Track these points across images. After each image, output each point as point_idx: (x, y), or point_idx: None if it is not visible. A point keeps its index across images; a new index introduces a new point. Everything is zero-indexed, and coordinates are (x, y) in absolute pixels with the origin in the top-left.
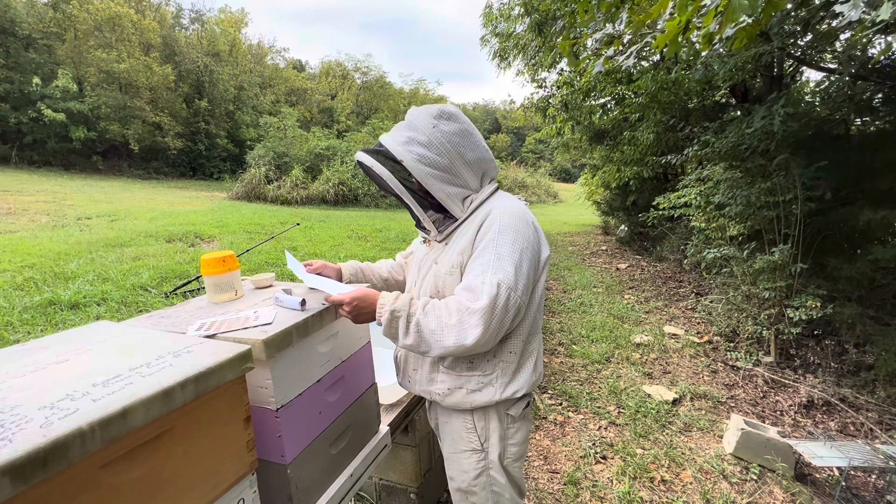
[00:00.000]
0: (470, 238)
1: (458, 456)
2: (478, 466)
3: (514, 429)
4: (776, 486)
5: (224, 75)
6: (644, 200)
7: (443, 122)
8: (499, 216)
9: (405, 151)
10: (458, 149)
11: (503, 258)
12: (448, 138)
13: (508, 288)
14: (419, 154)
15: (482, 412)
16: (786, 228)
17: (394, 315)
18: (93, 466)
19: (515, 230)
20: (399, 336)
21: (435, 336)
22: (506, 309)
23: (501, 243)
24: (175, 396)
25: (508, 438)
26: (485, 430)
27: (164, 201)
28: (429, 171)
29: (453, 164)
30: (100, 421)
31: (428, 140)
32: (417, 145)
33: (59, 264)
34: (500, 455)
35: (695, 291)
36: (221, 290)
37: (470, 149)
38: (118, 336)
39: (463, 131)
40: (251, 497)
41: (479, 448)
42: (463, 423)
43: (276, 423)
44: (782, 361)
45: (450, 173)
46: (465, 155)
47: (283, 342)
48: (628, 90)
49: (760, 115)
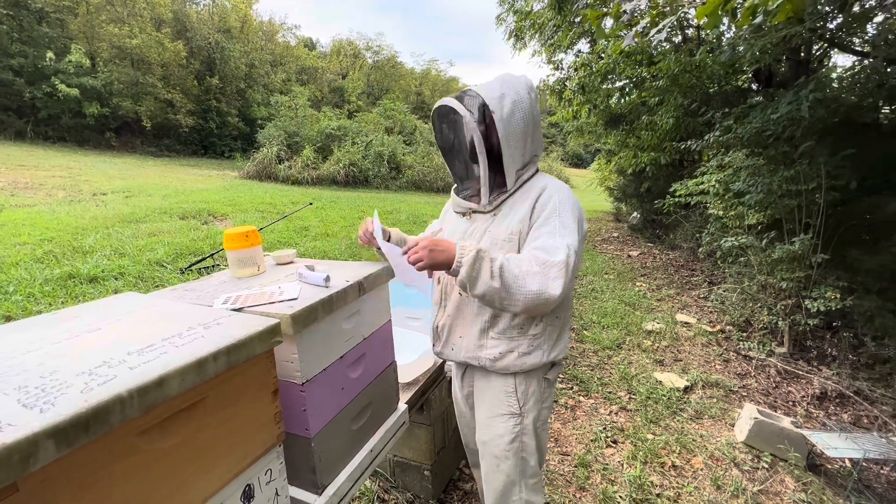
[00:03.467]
0: (528, 208)
1: (494, 420)
2: (514, 430)
3: (548, 392)
4: (788, 476)
5: (235, 52)
6: (659, 187)
7: (534, 94)
8: (556, 190)
9: (499, 106)
10: (534, 120)
11: (567, 226)
12: (533, 109)
13: (575, 252)
14: (510, 112)
15: (525, 376)
16: (807, 218)
17: (479, 255)
18: (131, 433)
19: (573, 203)
20: (482, 277)
21: (518, 282)
22: (574, 269)
23: (564, 213)
24: (208, 367)
25: (543, 402)
26: (524, 393)
27: (177, 179)
28: (512, 133)
29: (528, 134)
30: (138, 388)
31: (519, 100)
32: (510, 103)
33: (77, 238)
34: (535, 418)
35: (708, 280)
36: (244, 264)
37: (538, 126)
38: (148, 307)
39: (538, 110)
40: (278, 468)
41: (518, 412)
42: (504, 387)
43: (301, 397)
44: (796, 352)
45: (523, 142)
46: (536, 130)
47: (309, 317)
48: (648, 73)
49: (787, 101)
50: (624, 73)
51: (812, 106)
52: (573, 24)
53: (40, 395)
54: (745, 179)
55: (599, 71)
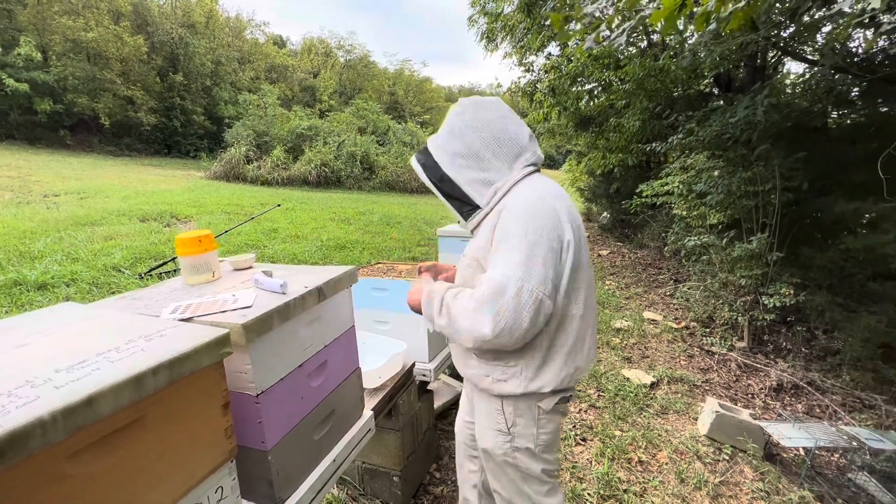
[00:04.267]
0: (488, 233)
1: (487, 432)
2: (503, 447)
3: (545, 419)
4: (747, 466)
5: (200, 49)
6: (627, 188)
7: (468, 111)
8: (511, 209)
9: (434, 143)
10: (478, 133)
11: (513, 250)
12: (470, 124)
13: (518, 280)
14: (442, 141)
15: (513, 400)
16: (764, 218)
17: (429, 296)
18: (57, 457)
19: (526, 220)
20: (434, 316)
21: (456, 321)
22: (518, 301)
23: (508, 234)
24: (146, 383)
25: (540, 428)
26: (512, 415)
27: (138, 179)
28: (449, 157)
29: (475, 150)
30: (63, 409)
31: (451, 127)
32: (444, 133)
33: (25, 243)
34: (529, 442)
35: (673, 278)
36: (198, 271)
37: (493, 133)
38: (85, 318)
39: (490, 119)
40: (230, 485)
41: (506, 431)
42: (493, 404)
43: (256, 408)
44: (755, 347)
45: (470, 158)
46: (485, 139)
47: (263, 326)
48: (615, 76)
49: (744, 105)
50: (592, 76)
51: (767, 110)
52: (543, 26)
53: None
54: (706, 181)
55: (569, 74)
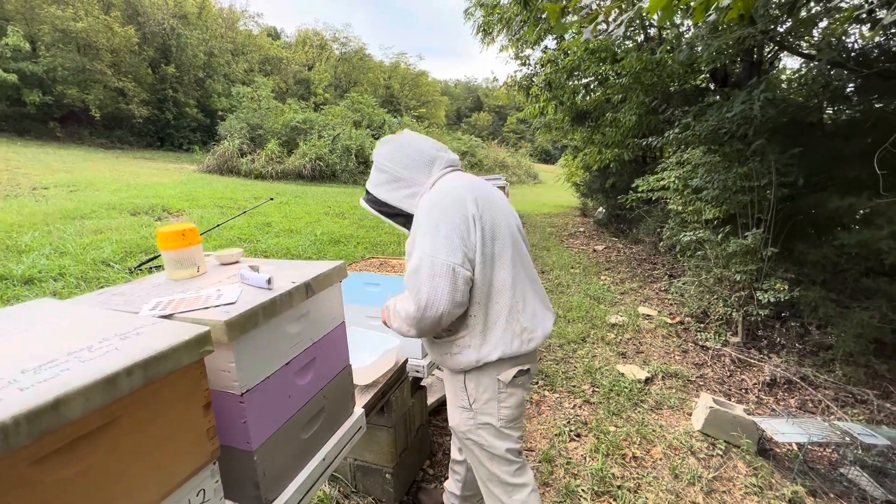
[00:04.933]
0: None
1: (452, 409)
2: (468, 423)
3: (506, 394)
4: (740, 461)
5: (193, 40)
6: (623, 183)
7: (382, 148)
8: (423, 203)
9: (369, 183)
10: (393, 159)
11: (421, 237)
12: (384, 156)
13: (428, 256)
14: (373, 178)
15: (475, 374)
16: (759, 213)
17: (386, 307)
18: (21, 463)
19: (430, 208)
20: (391, 322)
21: (397, 313)
22: (432, 275)
23: (419, 224)
24: (120, 384)
25: (501, 402)
26: (475, 390)
27: (129, 172)
28: (378, 187)
29: (392, 173)
30: (26, 413)
31: (376, 167)
32: (373, 171)
33: (12, 237)
34: (491, 416)
35: (668, 273)
36: (181, 265)
37: (403, 156)
38: (60, 315)
39: (395, 146)
40: (213, 487)
41: (468, 406)
42: (456, 382)
43: (240, 408)
44: (749, 342)
45: (392, 180)
46: (399, 162)
47: (247, 323)
48: (612, 70)
49: (741, 100)
50: (589, 69)
51: (763, 105)
52: (539, 19)
53: None
54: (702, 176)
55: (565, 67)
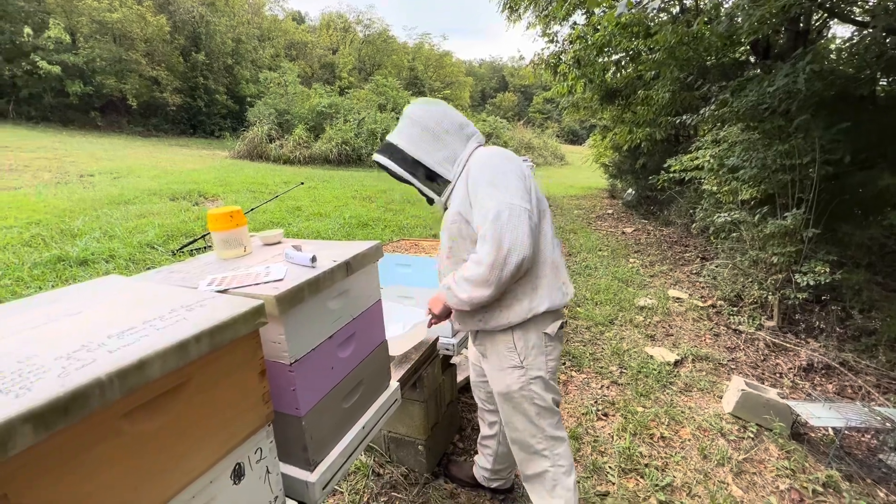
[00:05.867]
0: (464, 189)
1: (502, 372)
2: (520, 380)
3: (551, 346)
4: (772, 444)
5: (221, 26)
6: (654, 163)
7: (418, 107)
8: (475, 161)
9: (398, 137)
10: (435, 121)
11: (489, 187)
12: (425, 114)
13: (506, 202)
14: (407, 133)
15: (522, 331)
16: (800, 193)
17: (446, 287)
18: (114, 415)
19: (491, 163)
20: (458, 295)
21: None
22: (512, 218)
23: (482, 179)
24: (190, 349)
25: (548, 355)
26: (524, 347)
27: (166, 159)
28: (415, 143)
29: (434, 133)
30: (117, 371)
31: (410, 121)
32: (406, 127)
33: (65, 221)
34: (540, 370)
35: (700, 256)
36: (229, 245)
37: (446, 120)
38: (130, 290)
39: (436, 109)
40: (268, 446)
41: (519, 364)
42: (505, 342)
43: (290, 377)
44: (785, 326)
45: (432, 141)
46: (441, 124)
47: (295, 298)
48: (645, 45)
49: (784, 73)
50: (620, 45)
51: (808, 78)
52: None
53: (16, 380)
54: (739, 154)
55: (595, 44)
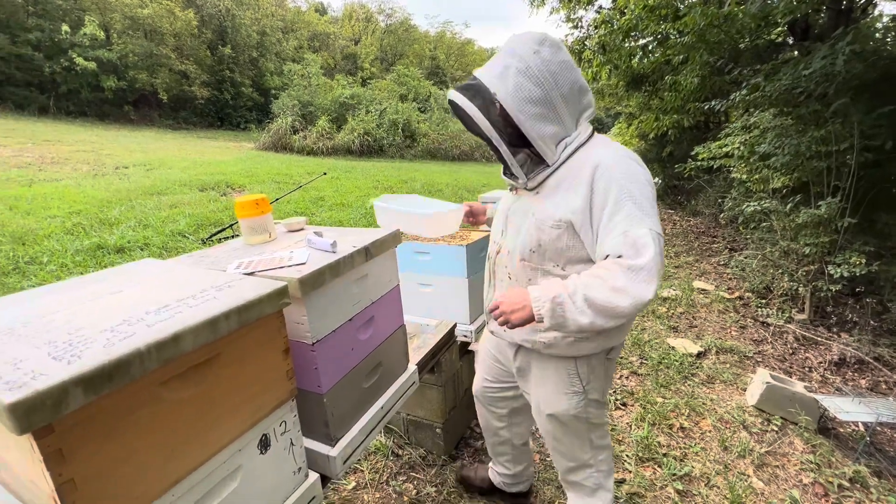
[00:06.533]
0: (584, 196)
1: (560, 396)
2: (579, 405)
3: (611, 368)
4: (797, 438)
5: (246, 20)
6: (681, 151)
7: (545, 49)
8: (616, 164)
9: (499, 83)
10: (557, 79)
11: (643, 206)
12: (549, 67)
13: (659, 234)
14: (515, 84)
15: (586, 359)
16: (836, 181)
17: (555, 302)
18: (152, 383)
19: (643, 177)
20: (570, 318)
21: (610, 303)
22: (660, 250)
23: (635, 192)
24: (220, 325)
25: (607, 378)
26: (588, 374)
27: (195, 151)
28: (523, 104)
29: (551, 98)
30: (155, 343)
31: (526, 67)
32: (515, 74)
33: (103, 211)
34: (598, 394)
35: (729, 247)
36: (256, 231)
37: (570, 81)
38: (164, 272)
39: (565, 61)
40: (292, 420)
41: (581, 391)
42: (566, 369)
43: (312, 356)
44: (816, 319)
45: (546, 108)
46: (562, 87)
47: (316, 281)
48: (673, 28)
49: (821, 55)
50: (647, 29)
51: (848, 60)
52: None
53: (67, 349)
54: (771, 141)
55: (621, 28)
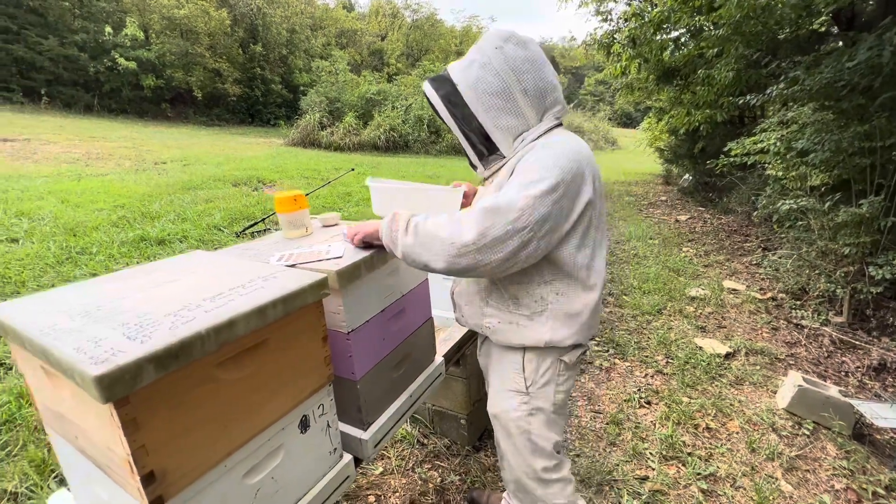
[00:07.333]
0: (508, 169)
1: (501, 394)
2: (519, 408)
3: (564, 376)
4: (830, 443)
5: (276, 18)
6: (714, 147)
7: (509, 45)
8: (542, 146)
9: (462, 75)
10: (519, 74)
11: (530, 183)
12: (510, 62)
13: (520, 209)
14: (475, 77)
15: (536, 353)
16: (880, 178)
17: (394, 216)
18: (210, 364)
19: (554, 158)
20: (398, 236)
21: (430, 234)
22: (511, 227)
23: (532, 169)
24: (268, 313)
25: (559, 385)
26: (534, 372)
27: (228, 147)
28: (482, 96)
29: (510, 91)
30: (214, 327)
31: (487, 61)
32: (477, 67)
33: (145, 205)
34: (546, 402)
35: (762, 246)
36: (294, 226)
37: (534, 77)
38: (215, 263)
39: (530, 58)
40: (329, 404)
41: (523, 391)
42: (511, 362)
43: (347, 344)
44: (855, 322)
45: (504, 100)
46: (525, 82)
47: (353, 274)
48: (707, 20)
49: (867, 46)
50: (680, 22)
51: None
52: None
53: (139, 330)
54: (810, 136)
55: (652, 21)
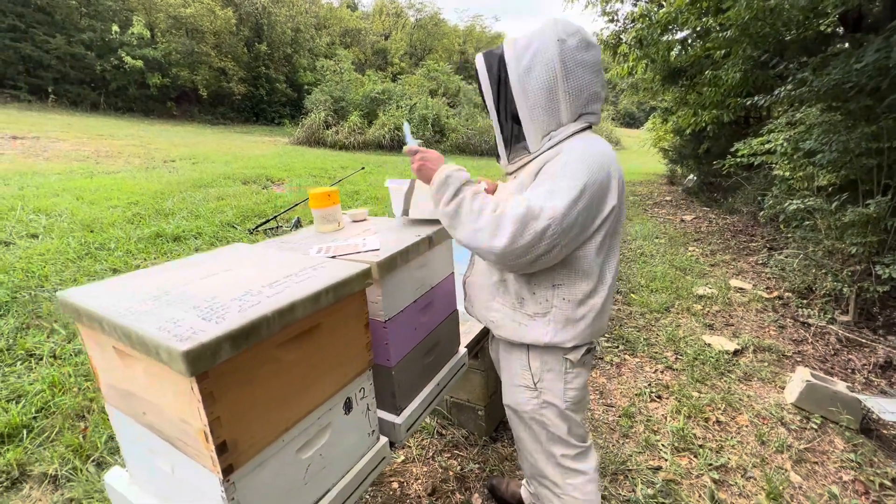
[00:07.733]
0: (532, 172)
1: (513, 388)
2: (531, 402)
3: (573, 373)
4: (837, 437)
5: (281, 17)
6: (719, 147)
7: (572, 40)
8: (569, 150)
9: (515, 62)
10: (569, 74)
11: (558, 191)
12: (566, 60)
13: (550, 218)
14: (527, 65)
15: (540, 351)
16: (887, 178)
17: (447, 180)
18: (273, 345)
19: (582, 164)
20: (441, 200)
21: (469, 218)
22: (539, 236)
23: (562, 175)
24: (321, 299)
25: (568, 382)
26: (539, 370)
27: (234, 146)
28: (527, 87)
29: (555, 89)
30: (278, 310)
31: (545, 50)
32: (532, 53)
33: (158, 202)
34: (557, 398)
35: (768, 246)
36: (327, 221)
37: (584, 83)
38: (261, 254)
39: (588, 62)
40: (369, 388)
41: (531, 386)
42: (518, 359)
43: (384, 332)
44: (861, 321)
45: (547, 97)
46: (573, 85)
47: (391, 265)
48: (715, 21)
49: (875, 47)
50: (687, 23)
51: None
52: None
53: (211, 313)
54: (817, 137)
55: (660, 21)
